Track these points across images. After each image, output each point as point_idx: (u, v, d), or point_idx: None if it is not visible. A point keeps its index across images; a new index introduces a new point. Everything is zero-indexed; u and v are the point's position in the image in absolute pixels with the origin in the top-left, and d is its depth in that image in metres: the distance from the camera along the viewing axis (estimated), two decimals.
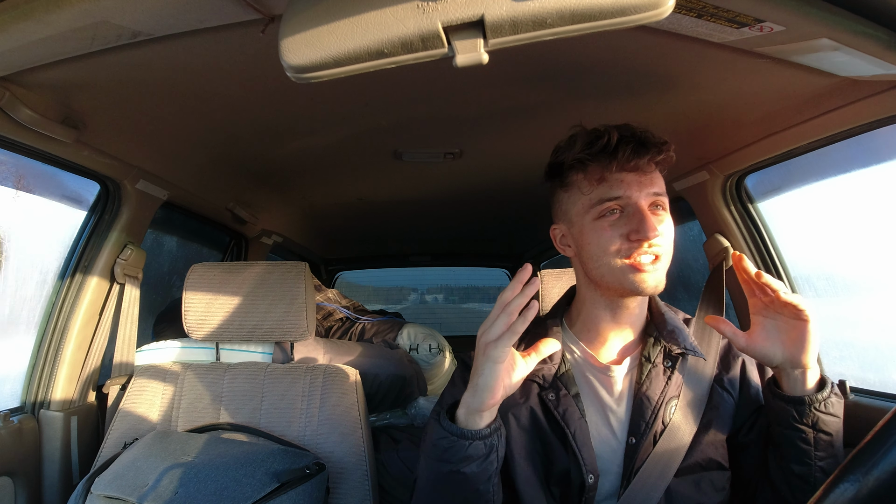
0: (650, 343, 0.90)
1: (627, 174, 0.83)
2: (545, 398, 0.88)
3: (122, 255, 1.38)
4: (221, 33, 0.79)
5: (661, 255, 0.83)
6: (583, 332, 0.94)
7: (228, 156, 1.48)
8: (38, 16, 0.68)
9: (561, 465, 0.86)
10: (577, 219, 0.88)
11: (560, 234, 0.94)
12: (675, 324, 0.92)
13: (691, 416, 0.87)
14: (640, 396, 0.87)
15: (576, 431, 0.85)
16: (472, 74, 0.99)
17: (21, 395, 1.29)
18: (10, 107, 0.93)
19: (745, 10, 0.68)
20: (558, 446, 0.87)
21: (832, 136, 1.04)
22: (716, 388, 0.90)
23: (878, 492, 0.44)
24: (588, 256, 0.87)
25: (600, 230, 0.84)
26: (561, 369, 0.90)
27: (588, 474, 0.83)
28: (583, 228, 0.87)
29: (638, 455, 0.84)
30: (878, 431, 0.47)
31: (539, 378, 0.90)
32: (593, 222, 0.85)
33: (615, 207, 0.83)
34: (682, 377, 0.89)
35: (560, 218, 0.93)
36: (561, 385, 0.89)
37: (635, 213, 0.82)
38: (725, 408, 0.89)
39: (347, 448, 1.21)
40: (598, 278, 0.87)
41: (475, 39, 0.54)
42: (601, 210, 0.84)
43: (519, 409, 0.90)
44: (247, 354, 1.40)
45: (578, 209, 0.87)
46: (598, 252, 0.84)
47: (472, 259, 3.67)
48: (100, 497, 1.00)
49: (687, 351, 0.89)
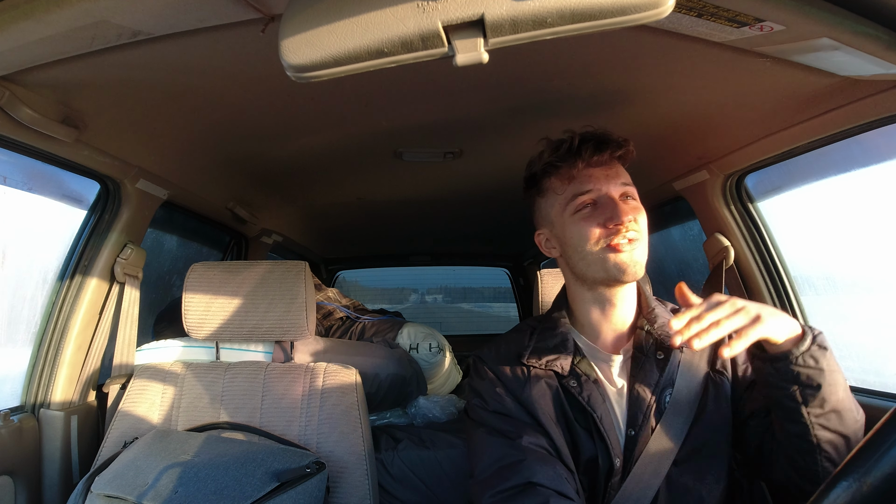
0: (642, 336, 0.94)
1: (593, 169, 0.91)
2: (567, 385, 0.91)
3: (122, 254, 1.38)
4: (221, 33, 0.79)
5: (637, 238, 0.88)
6: (580, 327, 0.98)
7: (228, 155, 1.48)
8: (38, 15, 0.68)
9: (588, 452, 0.88)
10: (556, 219, 0.94)
11: (545, 238, 1.00)
12: (665, 316, 0.95)
13: (687, 405, 0.89)
14: (635, 389, 0.90)
15: (602, 416, 0.88)
16: (473, 74, 0.99)
17: (21, 394, 1.29)
18: (10, 106, 0.93)
19: (745, 9, 0.68)
20: (584, 434, 0.89)
21: (832, 136, 1.04)
22: (710, 373, 0.92)
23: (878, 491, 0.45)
24: (572, 250, 0.92)
25: (579, 222, 0.90)
26: (577, 358, 0.94)
27: (615, 458, 0.86)
28: (563, 225, 0.93)
29: (637, 446, 0.86)
30: (878, 431, 0.47)
31: (557, 368, 0.93)
32: (571, 217, 0.91)
33: (588, 201, 0.90)
34: (677, 367, 0.91)
35: (542, 223, 1.00)
36: (580, 372, 0.92)
37: (608, 203, 0.89)
38: (723, 390, 0.91)
39: (347, 447, 1.21)
40: (583, 271, 0.92)
41: (475, 39, 0.54)
42: (576, 205, 0.91)
43: (545, 400, 0.91)
44: (247, 354, 1.40)
45: (556, 209, 0.94)
46: (579, 242, 0.90)
47: (472, 259, 3.67)
48: (100, 496, 1.00)
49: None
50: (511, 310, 3.74)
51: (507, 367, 0.96)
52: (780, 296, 1.33)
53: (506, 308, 3.90)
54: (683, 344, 0.72)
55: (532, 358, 0.95)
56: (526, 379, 0.94)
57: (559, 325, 0.98)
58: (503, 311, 4.01)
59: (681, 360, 0.92)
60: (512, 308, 3.71)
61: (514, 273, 3.59)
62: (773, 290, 1.34)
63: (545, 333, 0.98)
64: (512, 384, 0.94)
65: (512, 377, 0.95)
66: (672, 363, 0.91)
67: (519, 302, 3.59)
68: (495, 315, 4.07)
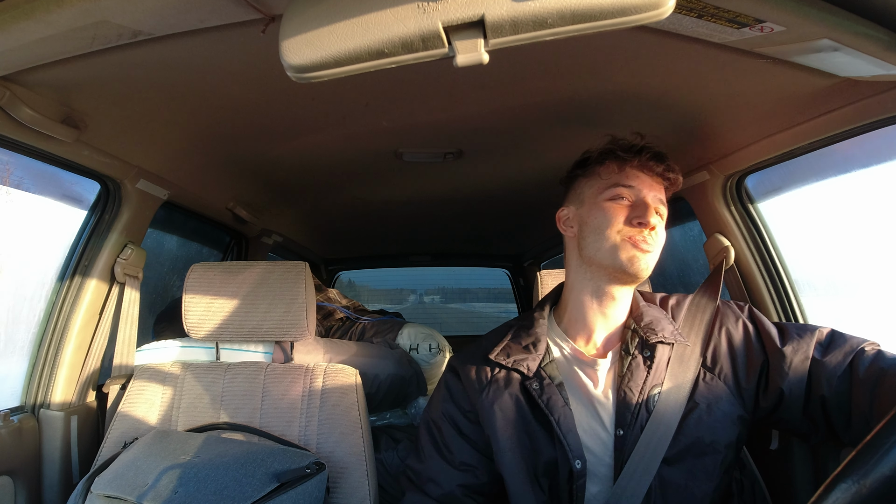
0: (629, 335, 0.94)
1: (643, 174, 0.95)
2: (529, 387, 0.91)
3: (122, 254, 1.38)
4: (221, 33, 0.79)
5: (650, 251, 0.91)
6: (570, 324, 0.98)
7: (228, 156, 1.48)
8: (39, 15, 0.68)
9: (547, 455, 0.89)
10: (588, 199, 0.97)
11: (566, 216, 1.02)
12: (652, 314, 0.96)
13: (676, 402, 0.89)
14: (623, 388, 0.90)
15: (560, 418, 0.88)
16: (473, 75, 0.99)
17: (21, 394, 1.29)
18: (10, 106, 0.93)
19: (745, 10, 0.68)
20: (544, 436, 0.89)
21: (832, 137, 1.04)
22: (704, 371, 0.92)
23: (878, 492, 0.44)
24: (590, 231, 0.94)
25: (608, 209, 0.93)
26: (545, 360, 0.94)
27: (575, 460, 0.86)
28: (592, 207, 0.96)
29: (626, 446, 0.87)
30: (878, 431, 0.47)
31: (523, 368, 0.93)
32: (604, 202, 0.94)
33: (626, 196, 0.93)
34: (666, 364, 0.91)
35: (571, 201, 1.02)
36: (545, 375, 0.92)
37: (642, 205, 0.93)
38: (718, 388, 0.90)
39: (347, 448, 1.21)
40: (593, 254, 0.93)
41: (475, 39, 0.54)
42: (614, 193, 0.94)
43: (504, 401, 0.93)
44: (247, 354, 1.40)
45: (593, 191, 0.97)
46: (601, 225, 0.93)
47: (471, 259, 3.67)
48: (99, 496, 1.00)
49: (664, 341, 0.92)
50: (511, 310, 3.74)
51: (473, 367, 0.99)
52: (780, 296, 1.33)
53: (505, 308, 3.90)
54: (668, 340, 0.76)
55: (501, 355, 0.96)
56: (488, 381, 0.96)
57: (536, 325, 0.99)
58: (503, 311, 4.01)
59: (670, 357, 0.92)
60: (511, 308, 3.71)
61: (513, 274, 3.59)
62: (773, 291, 1.33)
63: (521, 332, 0.99)
64: (471, 387, 0.97)
65: (474, 379, 0.97)
66: (660, 361, 0.91)
67: (519, 303, 3.59)
68: (495, 315, 4.08)
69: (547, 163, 1.56)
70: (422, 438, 1.02)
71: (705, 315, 0.98)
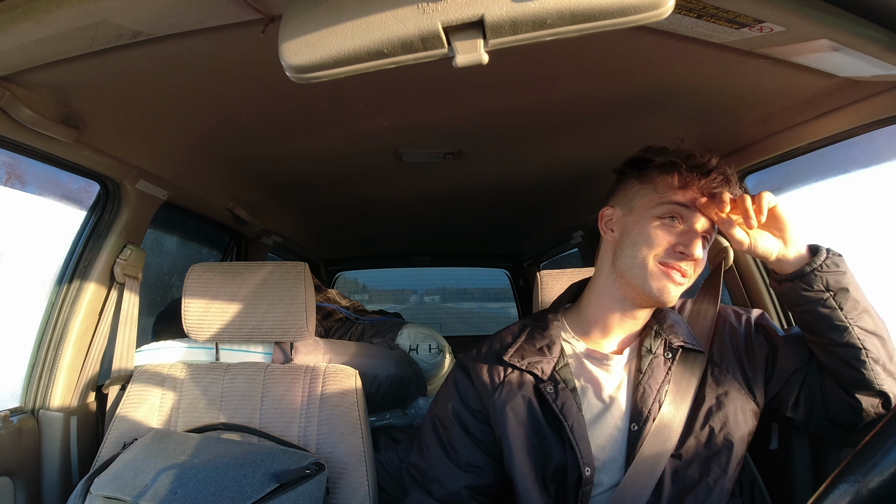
0: (651, 335, 0.94)
1: (706, 199, 0.88)
2: (543, 390, 0.91)
3: (121, 255, 1.38)
4: (221, 33, 0.79)
5: (683, 284, 0.89)
6: (589, 322, 0.98)
7: (228, 156, 1.48)
8: (38, 16, 0.68)
9: (557, 459, 0.88)
10: (638, 209, 0.92)
11: (610, 217, 0.97)
12: (674, 318, 0.97)
13: (682, 399, 0.90)
14: (641, 385, 0.90)
15: (574, 424, 0.87)
16: (473, 75, 0.99)
17: (21, 395, 1.29)
18: (10, 107, 0.93)
19: (745, 10, 0.68)
20: (555, 441, 0.89)
21: (832, 137, 1.04)
22: (711, 366, 0.93)
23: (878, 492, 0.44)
24: (629, 244, 0.91)
25: (655, 227, 0.89)
26: (560, 363, 0.93)
27: (585, 467, 0.86)
28: (640, 219, 0.91)
29: (639, 440, 0.87)
30: (878, 431, 0.47)
31: (538, 371, 0.92)
32: (652, 219, 0.89)
33: (678, 218, 0.89)
34: (676, 360, 0.93)
35: (619, 203, 0.96)
36: (559, 378, 0.92)
37: (690, 232, 0.88)
38: (730, 380, 0.92)
39: (347, 448, 1.21)
40: (626, 269, 0.91)
41: (475, 40, 0.54)
42: (666, 211, 0.89)
43: (517, 402, 0.92)
44: (246, 355, 1.39)
45: (645, 202, 0.91)
46: (642, 242, 0.89)
47: (471, 259, 3.67)
48: (99, 497, 1.00)
49: (686, 345, 0.92)
50: (510, 310, 3.74)
51: (485, 366, 0.97)
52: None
53: (505, 308, 3.90)
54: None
55: (515, 357, 0.95)
56: (500, 382, 0.94)
57: (551, 327, 0.97)
58: (502, 311, 4.01)
59: (679, 353, 0.93)
60: (511, 308, 3.71)
61: (513, 274, 3.59)
62: (773, 291, 1.34)
63: (535, 333, 0.98)
64: (483, 387, 0.96)
65: (486, 379, 0.96)
66: (675, 360, 0.92)
67: (519, 303, 3.59)
68: (494, 315, 4.08)
69: (547, 163, 1.56)
70: (426, 435, 1.01)
71: (708, 314, 1.00)
